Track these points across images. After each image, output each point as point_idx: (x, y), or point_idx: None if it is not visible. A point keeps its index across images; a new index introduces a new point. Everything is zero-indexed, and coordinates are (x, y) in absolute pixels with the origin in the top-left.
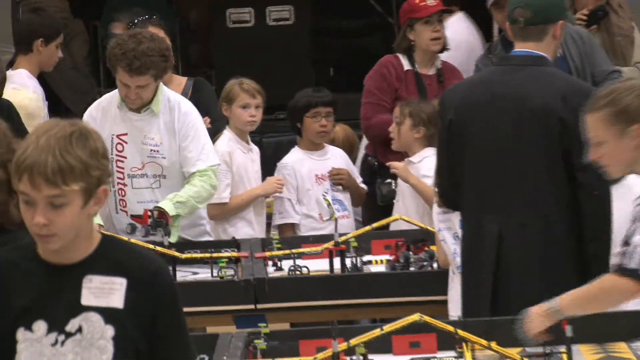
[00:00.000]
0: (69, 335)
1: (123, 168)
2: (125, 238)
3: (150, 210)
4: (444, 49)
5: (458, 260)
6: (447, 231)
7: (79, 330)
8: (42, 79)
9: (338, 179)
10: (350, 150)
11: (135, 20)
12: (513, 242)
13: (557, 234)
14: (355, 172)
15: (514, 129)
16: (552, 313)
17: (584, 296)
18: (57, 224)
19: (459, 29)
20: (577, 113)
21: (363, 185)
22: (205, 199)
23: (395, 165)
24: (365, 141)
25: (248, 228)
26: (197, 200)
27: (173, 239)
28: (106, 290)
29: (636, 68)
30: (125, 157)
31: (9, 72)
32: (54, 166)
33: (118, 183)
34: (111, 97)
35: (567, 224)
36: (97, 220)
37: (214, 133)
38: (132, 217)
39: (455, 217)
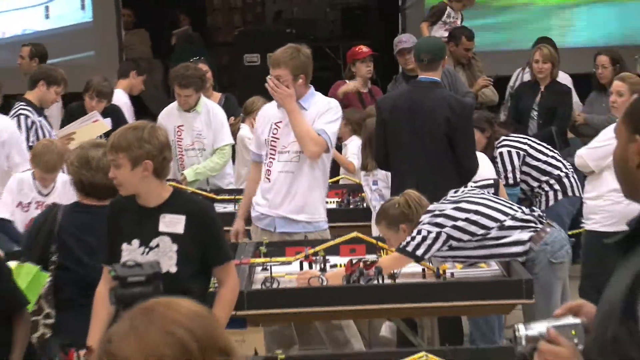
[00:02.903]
0: (151, 248)
1: (181, 145)
2: (188, 189)
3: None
4: (372, 77)
5: (373, 202)
6: (367, 187)
7: (157, 246)
8: (137, 95)
9: None
10: None
11: (191, 60)
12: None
13: (444, 183)
14: None
15: (422, 125)
16: None
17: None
18: (118, 178)
19: None
20: (457, 116)
21: None
22: (216, 170)
23: None
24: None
25: None
26: (210, 171)
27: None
28: (173, 223)
29: (490, 90)
30: (182, 139)
31: None
32: (114, 143)
33: (179, 154)
34: (174, 105)
35: (450, 178)
36: None
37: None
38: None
39: (370, 178)
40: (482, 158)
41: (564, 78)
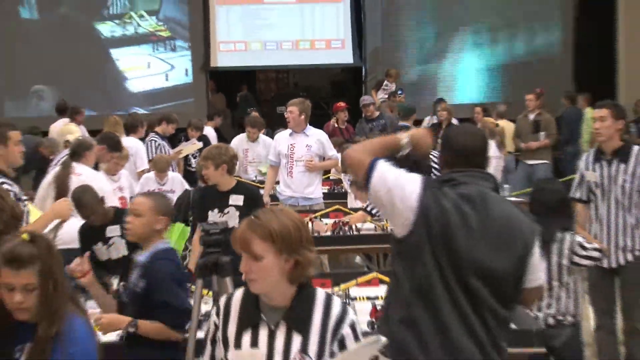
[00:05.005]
0: (224, 214)
1: (247, 160)
2: (246, 181)
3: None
4: (347, 119)
5: (349, 190)
6: (345, 182)
7: (227, 212)
8: (218, 129)
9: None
10: None
11: (248, 110)
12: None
13: None
14: None
15: None
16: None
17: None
18: (207, 175)
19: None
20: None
21: None
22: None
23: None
24: None
25: None
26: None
27: None
28: (237, 199)
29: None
30: (247, 157)
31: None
32: (205, 155)
33: (245, 165)
34: (243, 136)
35: None
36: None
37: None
38: None
39: (347, 177)
40: None
41: (454, 122)
